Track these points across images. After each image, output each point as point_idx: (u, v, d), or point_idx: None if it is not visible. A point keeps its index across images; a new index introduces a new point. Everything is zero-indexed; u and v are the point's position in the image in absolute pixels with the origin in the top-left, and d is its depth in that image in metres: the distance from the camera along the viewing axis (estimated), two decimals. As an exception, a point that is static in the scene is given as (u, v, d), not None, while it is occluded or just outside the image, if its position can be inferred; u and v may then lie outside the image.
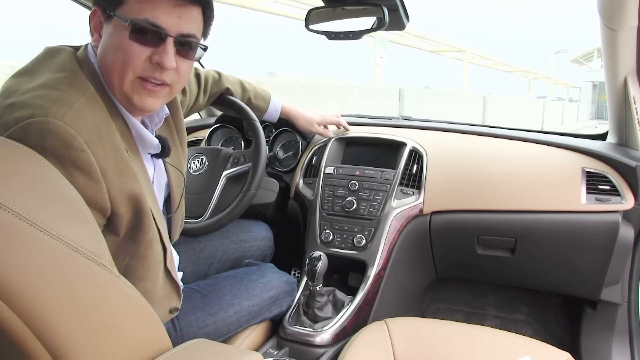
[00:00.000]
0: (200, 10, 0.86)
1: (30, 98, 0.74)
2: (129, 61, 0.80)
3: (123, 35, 0.80)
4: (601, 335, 1.42)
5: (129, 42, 0.80)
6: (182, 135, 1.08)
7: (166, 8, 0.80)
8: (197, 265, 1.26)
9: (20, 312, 0.44)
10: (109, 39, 0.81)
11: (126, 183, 0.80)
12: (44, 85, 0.76)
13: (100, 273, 0.54)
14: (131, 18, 0.79)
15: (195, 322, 1.05)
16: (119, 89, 0.82)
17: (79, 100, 0.76)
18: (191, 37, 0.85)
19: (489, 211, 1.37)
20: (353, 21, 1.19)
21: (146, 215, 0.85)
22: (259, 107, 1.46)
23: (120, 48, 0.80)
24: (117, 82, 0.82)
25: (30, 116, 0.70)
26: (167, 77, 0.84)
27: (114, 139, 0.80)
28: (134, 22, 0.79)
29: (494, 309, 1.74)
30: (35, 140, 0.69)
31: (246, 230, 1.39)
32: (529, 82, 31.12)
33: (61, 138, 0.71)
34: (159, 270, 0.92)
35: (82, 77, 0.80)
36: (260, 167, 1.32)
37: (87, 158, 0.73)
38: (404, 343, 1.08)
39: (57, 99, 0.74)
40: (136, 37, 0.80)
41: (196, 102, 1.32)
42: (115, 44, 0.80)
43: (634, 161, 1.28)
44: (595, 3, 1.13)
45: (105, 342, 0.52)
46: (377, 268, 1.32)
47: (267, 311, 1.19)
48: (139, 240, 0.86)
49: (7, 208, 0.46)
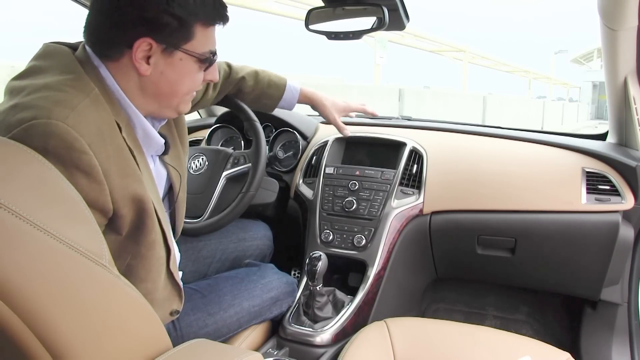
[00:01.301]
0: None
1: (34, 99, 0.74)
2: (196, 86, 0.91)
3: (193, 68, 0.87)
4: (601, 335, 1.42)
5: (199, 72, 0.89)
6: (183, 132, 1.08)
7: (215, 35, 0.90)
8: (197, 265, 1.26)
9: (20, 312, 0.44)
10: (172, 71, 0.86)
11: (129, 185, 0.80)
12: (47, 86, 0.76)
13: (100, 273, 0.54)
14: (200, 53, 0.86)
15: (195, 322, 1.05)
16: (173, 106, 0.90)
17: (82, 102, 0.76)
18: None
19: (489, 211, 1.37)
20: (353, 21, 1.19)
21: (149, 217, 0.85)
22: (272, 95, 1.38)
23: (189, 78, 0.88)
24: (175, 102, 0.90)
25: (33, 118, 0.70)
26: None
27: (118, 141, 0.80)
28: (206, 56, 0.88)
29: (494, 309, 1.74)
30: (38, 142, 0.69)
31: (245, 229, 1.39)
32: (529, 82, 31.13)
33: (63, 140, 0.71)
34: (161, 271, 0.92)
35: (85, 78, 0.80)
36: (260, 168, 1.32)
37: (89, 160, 0.73)
38: (404, 343, 1.08)
39: (60, 101, 0.74)
40: (205, 67, 0.90)
41: (204, 97, 1.29)
42: (184, 74, 0.87)
43: (634, 161, 1.28)
44: (595, 3, 1.13)
45: (105, 342, 0.53)
46: (377, 268, 1.32)
47: (268, 312, 1.19)
48: (141, 241, 0.86)
49: (7, 208, 0.46)
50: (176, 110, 0.92)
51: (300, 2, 11.09)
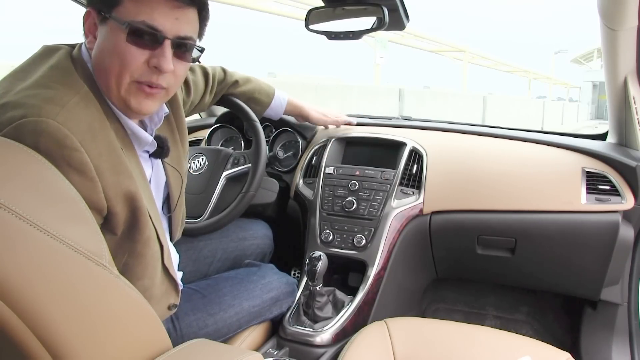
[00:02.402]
0: (196, 11, 0.85)
1: (23, 97, 0.73)
2: (127, 65, 0.79)
3: (120, 38, 0.78)
4: (601, 335, 1.42)
5: (126, 45, 0.78)
6: (183, 134, 1.07)
7: (163, 10, 0.79)
8: (197, 265, 1.26)
9: (20, 312, 0.44)
10: (104, 42, 0.80)
11: (121, 182, 0.80)
12: (36, 84, 0.76)
13: (100, 273, 0.54)
14: (128, 20, 0.77)
15: (195, 323, 1.05)
16: (115, 92, 0.81)
17: (72, 99, 0.75)
18: (188, 39, 0.84)
19: (489, 211, 1.37)
20: (353, 21, 1.19)
21: (142, 214, 0.85)
22: (261, 101, 1.45)
23: (117, 51, 0.78)
24: (114, 85, 0.80)
25: (23, 116, 0.70)
26: (163, 81, 0.83)
27: (109, 138, 0.80)
28: (131, 24, 0.77)
29: (494, 309, 1.74)
30: (29, 140, 0.68)
31: (246, 228, 1.39)
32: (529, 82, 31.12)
33: (54, 137, 0.70)
34: (157, 267, 0.92)
35: (75, 76, 0.79)
36: (260, 168, 1.32)
37: (80, 157, 0.73)
38: (404, 343, 1.08)
39: (50, 98, 0.73)
40: (133, 40, 0.78)
41: (201, 101, 1.32)
42: (112, 47, 0.79)
43: (634, 161, 1.28)
44: (595, 3, 1.13)
45: (105, 342, 0.53)
46: (377, 268, 1.32)
47: (268, 312, 1.19)
48: (136, 238, 0.86)
49: (7, 208, 0.46)
50: (126, 103, 0.82)
51: (300, 2, 11.09)
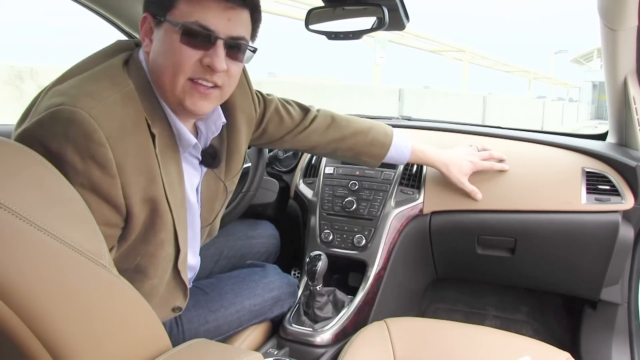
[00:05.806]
0: (249, 13, 0.87)
1: (70, 87, 0.77)
2: (181, 64, 0.81)
3: (174, 39, 0.81)
4: (601, 335, 1.42)
5: (180, 45, 0.81)
6: (236, 153, 1.05)
7: (216, 11, 0.81)
8: (203, 262, 1.26)
9: (20, 312, 0.44)
10: (160, 44, 0.83)
11: (143, 183, 0.81)
12: (88, 77, 0.79)
13: (100, 273, 0.53)
14: (181, 22, 0.80)
15: (196, 318, 1.06)
16: (170, 92, 0.83)
17: (111, 96, 0.77)
18: (240, 39, 0.85)
19: (489, 211, 1.37)
20: (353, 21, 1.19)
21: (159, 217, 0.85)
22: (374, 154, 1.26)
23: (171, 52, 0.81)
24: (169, 85, 0.83)
25: (62, 104, 0.73)
26: (218, 79, 0.84)
27: (140, 139, 0.81)
28: (185, 25, 0.80)
29: (494, 309, 1.74)
30: (60, 128, 0.71)
31: (253, 228, 1.41)
32: (529, 82, 31.11)
33: (84, 129, 0.72)
34: (168, 269, 0.93)
35: (124, 75, 0.82)
36: (260, 168, 1.32)
37: (105, 153, 0.74)
38: (404, 343, 1.08)
39: (91, 92, 0.76)
40: (187, 40, 0.81)
41: (280, 139, 1.20)
42: (167, 48, 0.82)
43: (634, 161, 1.28)
44: (595, 3, 1.13)
45: (105, 342, 0.52)
46: (377, 268, 1.32)
47: (268, 311, 1.20)
48: (150, 240, 0.86)
49: (7, 208, 0.46)
50: (181, 103, 0.84)
51: (300, 2, 11.08)
